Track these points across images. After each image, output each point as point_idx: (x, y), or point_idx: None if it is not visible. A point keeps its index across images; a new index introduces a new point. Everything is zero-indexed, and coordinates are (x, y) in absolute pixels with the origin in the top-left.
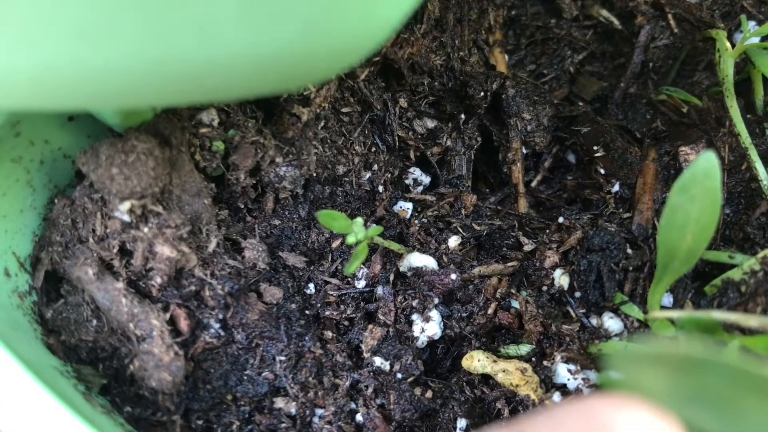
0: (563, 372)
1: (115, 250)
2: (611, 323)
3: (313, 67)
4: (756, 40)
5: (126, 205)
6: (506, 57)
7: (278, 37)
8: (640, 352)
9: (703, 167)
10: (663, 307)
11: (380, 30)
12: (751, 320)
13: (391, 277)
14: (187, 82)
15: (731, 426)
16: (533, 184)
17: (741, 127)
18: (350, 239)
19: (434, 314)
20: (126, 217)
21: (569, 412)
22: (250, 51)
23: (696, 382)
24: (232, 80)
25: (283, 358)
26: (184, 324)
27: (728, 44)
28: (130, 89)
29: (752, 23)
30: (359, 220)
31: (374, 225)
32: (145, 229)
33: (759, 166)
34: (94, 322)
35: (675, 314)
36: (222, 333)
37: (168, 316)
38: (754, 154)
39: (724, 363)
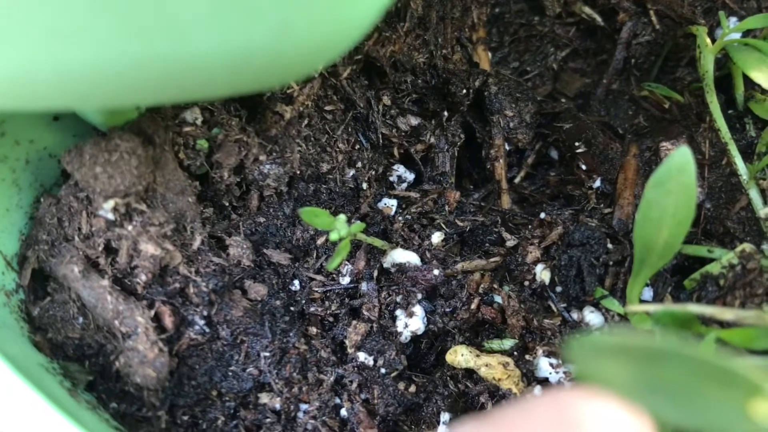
0: (545, 366)
1: (100, 248)
2: (592, 317)
3: (289, 66)
4: (736, 36)
5: (110, 204)
6: (489, 54)
7: (251, 36)
8: (602, 343)
9: (678, 162)
10: (643, 301)
11: (354, 29)
12: (727, 313)
13: (375, 274)
14: (164, 81)
15: (692, 415)
16: (516, 180)
17: (721, 123)
18: (333, 236)
19: (418, 309)
20: (110, 216)
21: (540, 405)
22: (224, 50)
23: (657, 373)
24: (209, 79)
25: (267, 354)
26: (168, 321)
27: (708, 41)
28: (107, 89)
29: (734, 19)
30: (342, 217)
31: (358, 222)
32: (130, 227)
33: (738, 161)
34: (81, 319)
35: (652, 308)
36: (207, 329)
37: (153, 313)
38: (734, 149)
39: (685, 354)
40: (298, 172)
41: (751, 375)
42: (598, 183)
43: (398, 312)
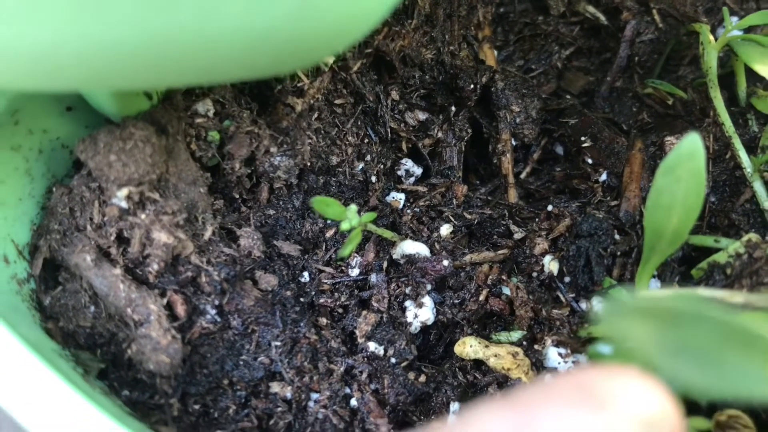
0: (554, 356)
1: (112, 238)
2: (600, 307)
3: (310, 46)
4: (738, 33)
5: (124, 192)
6: (495, 52)
7: (273, 12)
8: (629, 305)
9: (688, 148)
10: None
11: (374, 10)
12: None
13: (385, 265)
14: (187, 59)
15: (715, 378)
16: (522, 175)
17: (725, 117)
18: (344, 226)
19: (427, 300)
20: (124, 204)
21: (562, 384)
22: (246, 25)
23: (681, 335)
24: (229, 57)
25: (278, 344)
26: (181, 309)
27: (711, 37)
28: (131, 67)
29: (735, 18)
30: (353, 206)
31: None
32: (143, 216)
33: (742, 154)
34: (92, 308)
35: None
36: (218, 319)
37: (165, 301)
38: (737, 143)
39: (707, 316)
40: (309, 164)
41: None
42: (604, 176)
43: (408, 303)
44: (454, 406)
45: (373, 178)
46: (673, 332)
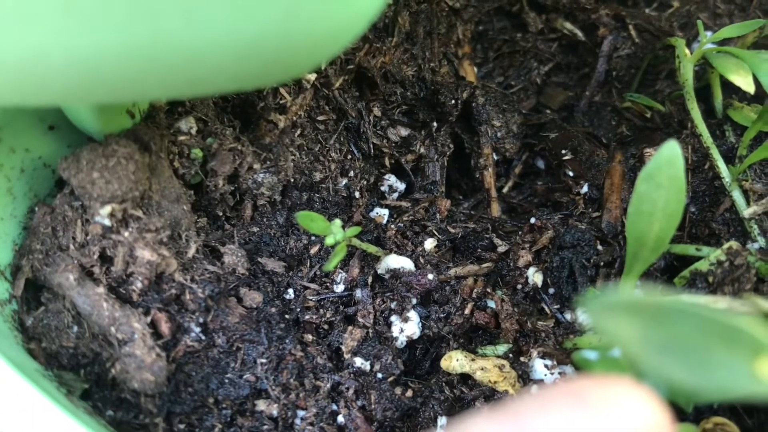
0: (540, 367)
1: (95, 256)
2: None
3: (293, 56)
4: (713, 46)
5: (107, 209)
6: (475, 69)
7: (261, 21)
8: (615, 301)
9: (667, 156)
10: None
11: (357, 20)
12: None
13: (370, 280)
14: (172, 68)
15: (700, 374)
16: (504, 190)
17: (702, 128)
18: (329, 240)
19: (412, 314)
20: (107, 221)
21: (556, 392)
22: (233, 34)
23: (667, 332)
24: (215, 67)
25: (264, 361)
26: (165, 327)
27: (687, 51)
28: (116, 78)
29: (708, 33)
30: (338, 221)
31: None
32: (126, 233)
33: (721, 164)
34: (75, 328)
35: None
36: (203, 337)
37: (149, 319)
38: (715, 153)
39: (693, 312)
40: (292, 181)
41: (758, 333)
42: (585, 188)
43: (393, 318)
44: (442, 420)
45: (357, 194)
46: (659, 329)
